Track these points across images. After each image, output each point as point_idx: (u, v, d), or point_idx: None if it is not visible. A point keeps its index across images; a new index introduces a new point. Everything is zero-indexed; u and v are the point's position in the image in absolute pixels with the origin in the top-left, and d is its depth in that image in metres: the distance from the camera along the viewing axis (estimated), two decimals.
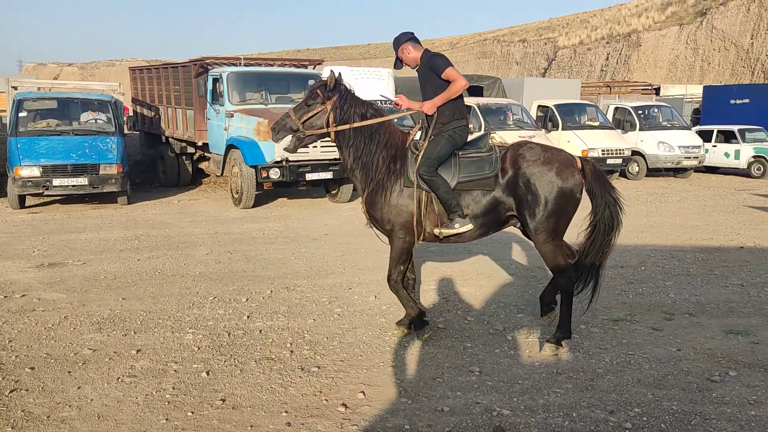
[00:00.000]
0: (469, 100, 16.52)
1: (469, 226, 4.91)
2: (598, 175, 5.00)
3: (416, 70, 5.18)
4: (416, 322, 5.21)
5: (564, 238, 5.11)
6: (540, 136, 14.93)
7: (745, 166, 18.79)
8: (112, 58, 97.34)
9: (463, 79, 4.89)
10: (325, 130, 5.05)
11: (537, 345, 5.10)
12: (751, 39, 45.96)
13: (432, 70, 4.98)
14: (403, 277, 5.27)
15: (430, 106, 4.97)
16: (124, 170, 12.04)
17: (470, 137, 5.20)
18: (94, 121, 12.82)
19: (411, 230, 5.02)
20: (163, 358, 4.82)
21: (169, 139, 15.22)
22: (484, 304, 6.19)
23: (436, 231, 4.98)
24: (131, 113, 18.04)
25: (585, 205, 5.00)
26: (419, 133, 5.15)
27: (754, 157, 18.65)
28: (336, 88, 5.02)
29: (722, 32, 47.63)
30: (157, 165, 16.26)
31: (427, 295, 6.46)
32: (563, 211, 4.84)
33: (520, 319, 5.73)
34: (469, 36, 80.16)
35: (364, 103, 5.13)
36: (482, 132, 5.50)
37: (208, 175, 15.58)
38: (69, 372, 4.55)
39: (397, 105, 5.23)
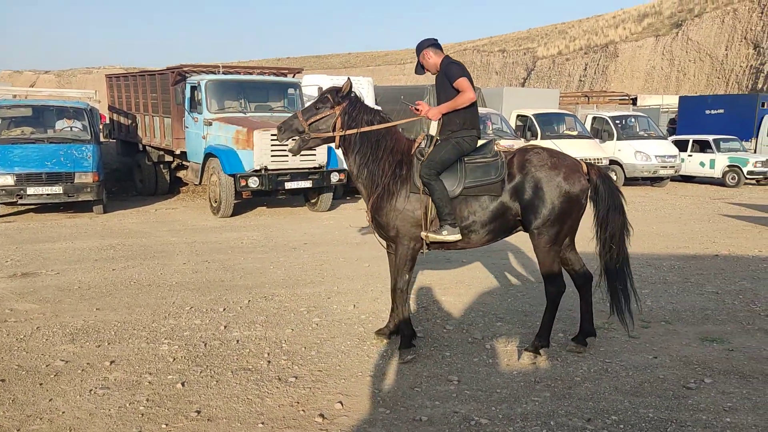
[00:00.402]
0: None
1: (457, 236, 4.88)
2: (604, 179, 5.04)
3: (436, 77, 5.19)
4: (405, 342, 5.08)
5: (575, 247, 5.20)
6: (519, 146, 15.02)
7: (720, 176, 19.07)
8: (90, 66, 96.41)
9: (471, 92, 4.88)
10: (331, 134, 5.06)
11: (515, 353, 5.10)
12: (726, 50, 46.83)
13: (446, 77, 5.00)
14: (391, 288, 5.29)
15: (435, 113, 4.99)
16: (100, 179, 11.90)
17: None
18: (69, 129, 12.66)
19: (417, 237, 4.98)
20: (137, 369, 4.74)
21: (147, 147, 15.08)
22: (463, 312, 6.18)
23: (423, 234, 4.95)
24: (108, 121, 17.85)
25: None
26: (424, 140, 5.11)
27: (728, 166, 18.93)
28: (348, 95, 5.07)
29: (697, 44, 48.48)
30: (133, 173, 16.10)
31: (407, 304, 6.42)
32: (568, 215, 4.88)
33: (498, 328, 5.73)
34: (449, 46, 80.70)
35: (372, 110, 5.17)
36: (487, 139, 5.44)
37: (186, 184, 15.46)
38: (41, 384, 4.46)
39: (417, 110, 5.15)
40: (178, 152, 13.85)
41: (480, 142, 5.18)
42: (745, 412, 4.08)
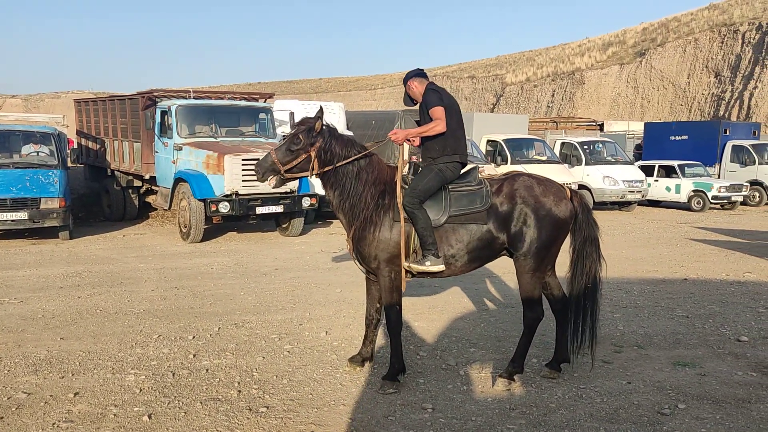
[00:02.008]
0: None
1: (441, 267, 4.80)
2: (584, 208, 5.11)
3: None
4: (392, 374, 4.88)
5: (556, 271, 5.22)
6: (490, 170, 15.15)
7: (686, 200, 19.45)
8: (58, 90, 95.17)
9: (441, 123, 4.85)
10: (308, 174, 5.00)
11: (490, 380, 5.06)
12: (688, 78, 48.14)
13: (425, 104, 4.99)
14: (367, 314, 5.27)
15: (401, 136, 4.99)
16: (66, 204, 11.65)
17: None
18: (36, 153, 12.41)
19: (398, 267, 4.86)
20: (102, 401, 4.58)
21: (115, 172, 14.86)
22: (437, 338, 6.13)
23: (405, 264, 4.85)
24: (75, 146, 17.57)
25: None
26: (408, 167, 5.08)
27: (693, 191, 19.34)
28: (320, 132, 4.91)
29: (660, 72, 49.77)
30: (101, 198, 15.83)
31: (379, 331, 6.36)
32: (554, 242, 4.94)
33: (472, 354, 5.69)
34: None
35: (348, 142, 5.03)
36: (470, 166, 5.42)
37: (155, 209, 15.24)
38: (1, 418, 4.28)
39: (395, 135, 5.12)
40: (147, 177, 13.68)
41: (464, 169, 5.15)
42: None
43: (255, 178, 5.17)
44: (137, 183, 14.58)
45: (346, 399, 4.67)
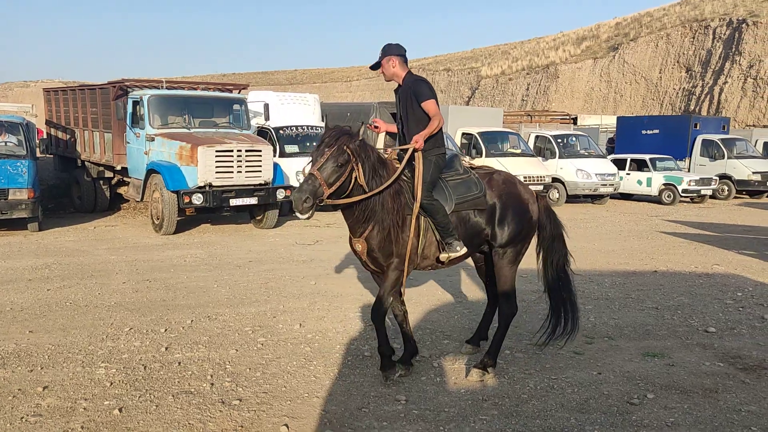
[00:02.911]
0: (395, 127, 16.68)
1: (465, 248, 4.94)
2: (548, 210, 5.39)
3: (396, 90, 5.09)
4: (387, 363, 4.87)
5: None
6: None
7: (657, 193, 19.74)
8: (27, 80, 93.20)
9: (441, 117, 4.89)
10: (354, 200, 4.50)
11: (463, 371, 5.09)
12: (660, 73, 48.80)
13: (414, 95, 4.89)
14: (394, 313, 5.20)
15: (421, 143, 4.79)
16: (35, 195, 11.43)
17: None
18: (3, 143, 12.13)
19: (408, 260, 4.80)
20: (71, 395, 4.52)
21: (85, 162, 14.61)
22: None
23: (443, 256, 4.89)
24: (45, 136, 17.23)
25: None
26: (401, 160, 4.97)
27: (664, 184, 19.62)
28: (362, 143, 4.51)
29: (633, 66, 50.37)
30: (71, 190, 15.55)
31: (353, 323, 6.37)
32: (529, 237, 5.27)
33: (446, 346, 5.72)
34: None
35: (375, 151, 4.70)
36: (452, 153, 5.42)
37: (127, 201, 15.03)
38: None
39: (376, 128, 5.12)
40: (118, 168, 13.47)
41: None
42: (687, 427, 4.16)
43: (295, 208, 4.31)
44: (108, 174, 14.35)
45: (320, 391, 4.66)
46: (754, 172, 21.40)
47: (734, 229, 13.98)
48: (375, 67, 5.08)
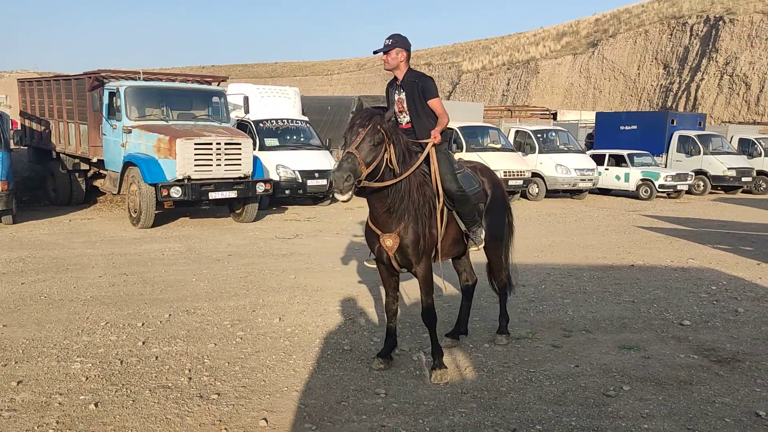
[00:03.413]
0: None
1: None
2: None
3: (392, 84, 5.13)
4: (440, 363, 4.82)
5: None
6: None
7: (634, 189, 19.95)
8: (1, 70, 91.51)
9: (447, 116, 4.99)
10: (387, 183, 4.36)
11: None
12: (638, 70, 49.27)
13: (422, 91, 4.94)
14: (388, 308, 5.09)
15: (440, 138, 4.83)
16: (9, 187, 11.24)
17: None
18: None
19: (434, 253, 4.80)
20: (46, 389, 4.46)
21: (61, 154, 14.38)
22: None
23: (473, 248, 5.16)
24: (19, 127, 16.93)
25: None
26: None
27: (641, 180, 19.84)
28: (393, 125, 4.46)
29: (612, 63, 50.79)
30: (46, 182, 15.31)
31: (333, 317, 6.36)
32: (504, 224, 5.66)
33: (425, 339, 5.71)
34: (376, 58, 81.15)
35: (404, 136, 4.63)
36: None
37: (104, 194, 14.84)
38: None
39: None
40: (94, 160, 13.29)
41: None
42: (662, 419, 4.22)
43: (336, 187, 4.10)
44: (84, 166, 14.15)
45: (299, 385, 4.65)
46: (729, 168, 21.72)
47: (709, 224, 14.18)
48: (383, 51, 4.98)
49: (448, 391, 4.60)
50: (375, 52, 5.03)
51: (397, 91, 5.11)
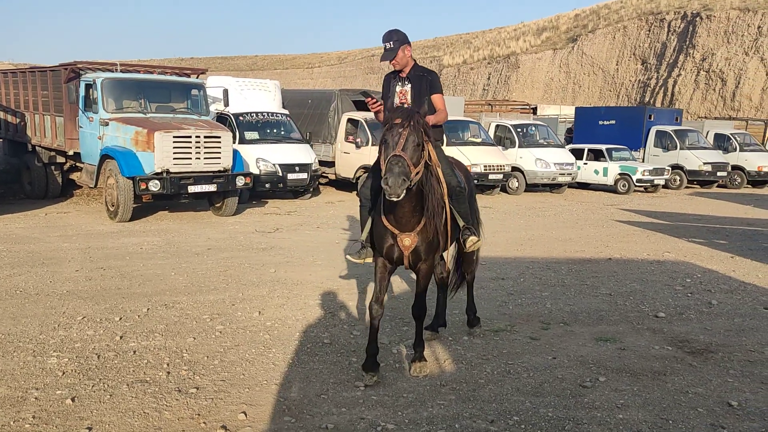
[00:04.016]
0: (357, 115, 16.66)
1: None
2: None
3: (393, 76, 5.13)
4: (422, 356, 4.86)
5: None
6: None
7: (612, 183, 20.15)
8: None
9: (447, 112, 5.03)
10: (415, 181, 4.18)
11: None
12: (616, 65, 49.69)
13: (429, 84, 4.99)
14: (377, 310, 4.80)
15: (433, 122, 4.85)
16: None
17: None
18: None
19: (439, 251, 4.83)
20: (22, 384, 4.41)
21: (36, 147, 14.17)
22: None
23: (471, 240, 5.03)
24: None
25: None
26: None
27: (620, 174, 20.04)
28: (427, 122, 4.44)
29: (591, 58, 51.16)
30: (21, 175, 15.07)
31: (313, 310, 6.36)
32: None
33: (405, 332, 5.76)
34: (357, 51, 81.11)
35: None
36: None
37: (80, 187, 14.65)
38: None
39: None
40: (71, 153, 13.11)
41: None
42: (636, 409, 4.29)
43: (393, 193, 3.95)
44: (60, 159, 13.94)
45: (279, 378, 4.65)
46: (704, 163, 22.01)
47: (685, 218, 14.38)
48: (389, 57, 4.97)
49: (427, 384, 4.63)
50: (382, 60, 5.02)
51: (400, 83, 5.11)
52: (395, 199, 4.00)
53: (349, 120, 16.70)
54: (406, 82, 5.09)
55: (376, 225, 4.69)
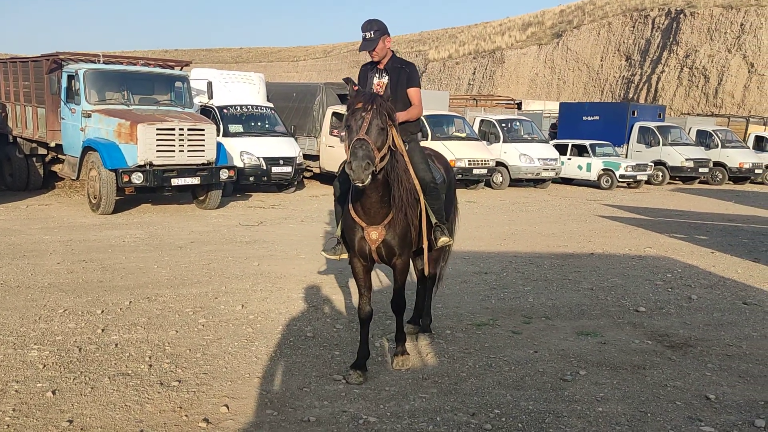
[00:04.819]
0: (342, 108, 16.62)
1: None
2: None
3: (370, 67, 5.06)
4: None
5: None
6: None
7: (596, 178, 20.30)
8: None
9: (422, 108, 5.00)
10: (380, 166, 4.06)
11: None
12: (601, 61, 49.97)
13: (406, 78, 4.91)
14: (366, 310, 4.74)
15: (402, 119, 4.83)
16: None
17: None
18: None
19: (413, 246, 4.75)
20: (2, 377, 4.38)
21: (18, 139, 14.01)
22: (353, 311, 6.17)
23: (442, 241, 4.88)
24: None
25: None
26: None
27: (603, 170, 20.20)
28: (391, 106, 4.27)
29: (576, 54, 51.41)
30: (2, 167, 14.89)
31: (296, 304, 6.36)
32: None
33: (387, 326, 5.78)
34: (343, 45, 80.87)
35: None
36: None
37: (62, 179, 14.52)
38: None
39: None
40: (53, 145, 12.99)
41: None
42: (616, 402, 4.34)
43: (356, 177, 3.84)
44: (42, 151, 13.81)
45: (262, 372, 4.65)
46: (687, 159, 22.26)
47: (667, 214, 14.53)
48: (371, 48, 4.89)
49: (409, 377, 4.65)
50: (361, 50, 4.93)
51: (378, 75, 5.03)
52: (360, 185, 3.91)
53: (334, 113, 16.67)
54: (384, 74, 5.02)
55: (345, 218, 4.61)
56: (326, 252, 5.02)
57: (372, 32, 4.87)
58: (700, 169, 22.65)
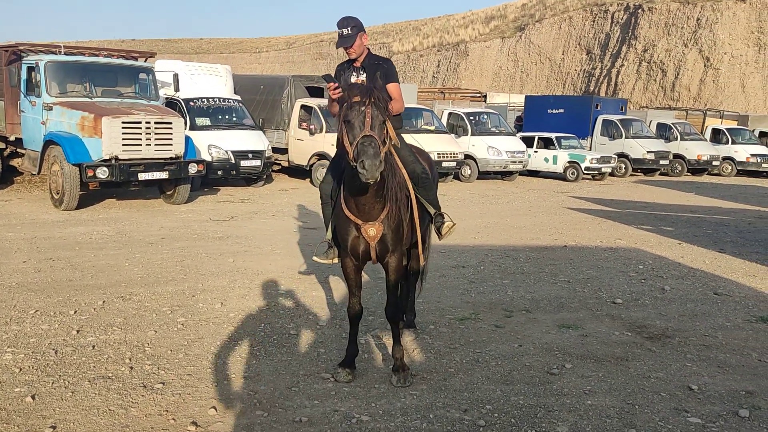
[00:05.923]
0: (311, 101, 16.46)
1: None
2: None
3: (348, 66, 4.95)
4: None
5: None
6: None
7: (562, 171, 20.54)
8: None
9: (403, 102, 4.88)
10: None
11: (389, 347, 5.11)
12: (563, 55, 50.63)
13: (384, 74, 4.76)
14: (357, 308, 4.61)
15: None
16: None
17: None
18: None
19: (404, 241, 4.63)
20: None
21: None
22: (335, 308, 6.13)
23: (447, 225, 4.95)
24: None
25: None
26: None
27: (569, 162, 20.45)
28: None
29: (538, 47, 51.99)
30: None
31: (276, 301, 6.27)
32: None
33: (371, 322, 5.74)
34: (306, 36, 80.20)
35: None
36: None
37: (22, 174, 14.05)
38: None
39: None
40: (12, 138, 12.56)
41: None
42: (603, 394, 4.39)
43: (371, 177, 3.73)
44: (0, 145, 13.35)
45: (247, 372, 4.57)
46: (648, 151, 22.71)
47: (632, 205, 14.80)
48: (348, 46, 4.77)
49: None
50: (338, 47, 4.84)
51: (355, 73, 4.94)
52: (372, 182, 3.80)
53: (303, 106, 16.50)
54: (361, 71, 4.93)
55: (338, 218, 4.46)
56: (318, 257, 4.85)
57: (349, 29, 4.77)
58: (661, 161, 23.13)
